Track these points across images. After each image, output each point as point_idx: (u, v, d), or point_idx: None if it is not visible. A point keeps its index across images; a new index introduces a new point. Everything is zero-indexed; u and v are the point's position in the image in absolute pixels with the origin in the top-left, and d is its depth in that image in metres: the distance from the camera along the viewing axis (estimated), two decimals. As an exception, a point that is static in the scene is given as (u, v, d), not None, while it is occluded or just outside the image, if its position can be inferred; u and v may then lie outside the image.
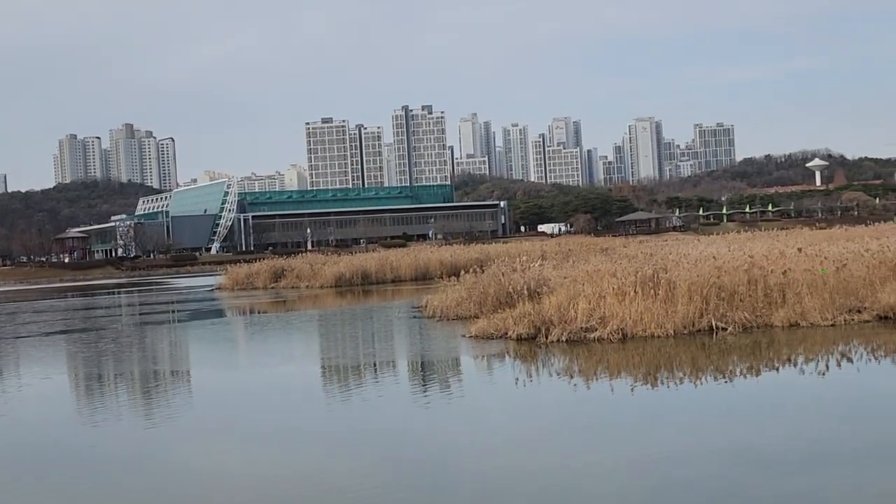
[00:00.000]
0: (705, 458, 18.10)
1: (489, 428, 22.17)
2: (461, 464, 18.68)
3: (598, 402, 24.53)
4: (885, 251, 40.18)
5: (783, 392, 24.70)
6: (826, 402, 22.98)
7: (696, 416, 22.08)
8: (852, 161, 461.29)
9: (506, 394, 26.45)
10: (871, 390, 24.22)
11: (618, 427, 21.40)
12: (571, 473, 17.55)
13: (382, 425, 23.06)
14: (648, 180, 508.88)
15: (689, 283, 34.81)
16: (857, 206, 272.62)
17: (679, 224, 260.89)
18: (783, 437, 19.45)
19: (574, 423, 22.22)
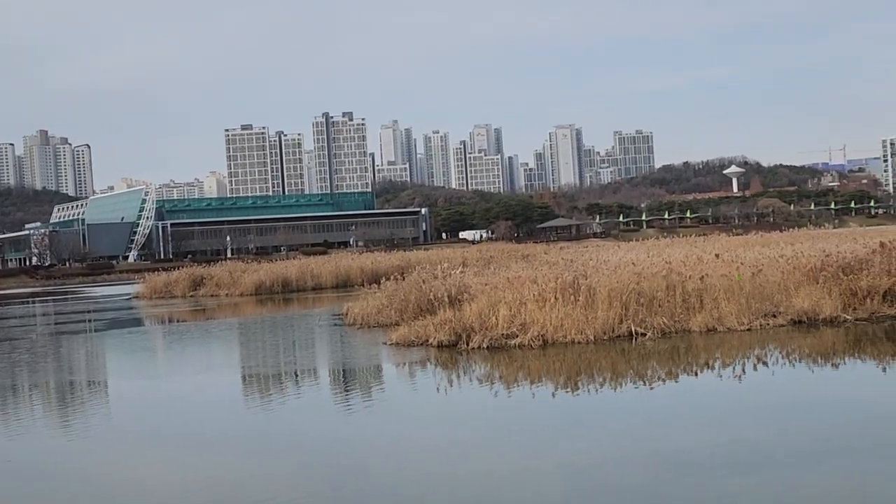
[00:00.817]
0: (628, 463, 18.18)
1: (411, 435, 22.09)
2: (383, 472, 18.57)
3: (520, 408, 24.57)
4: (799, 257, 40.88)
5: (702, 396, 24.97)
6: (744, 405, 23.25)
7: (618, 422, 22.20)
8: (768, 168, 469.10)
9: (427, 401, 26.39)
10: (786, 393, 24.57)
11: (540, 433, 21.44)
12: (495, 480, 17.53)
13: (303, 434, 22.88)
14: (569, 187, 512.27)
15: (609, 289, 35.08)
16: (773, 213, 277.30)
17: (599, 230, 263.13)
18: (705, 441, 19.65)
19: (496, 430, 22.21)
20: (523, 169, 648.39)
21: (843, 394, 24.38)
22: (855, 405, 22.78)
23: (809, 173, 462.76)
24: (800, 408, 22.75)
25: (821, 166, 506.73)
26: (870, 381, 25.90)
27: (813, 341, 32.19)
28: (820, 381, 25.96)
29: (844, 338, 32.45)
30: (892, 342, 31.50)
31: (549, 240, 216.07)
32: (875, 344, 31.32)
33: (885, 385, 25.27)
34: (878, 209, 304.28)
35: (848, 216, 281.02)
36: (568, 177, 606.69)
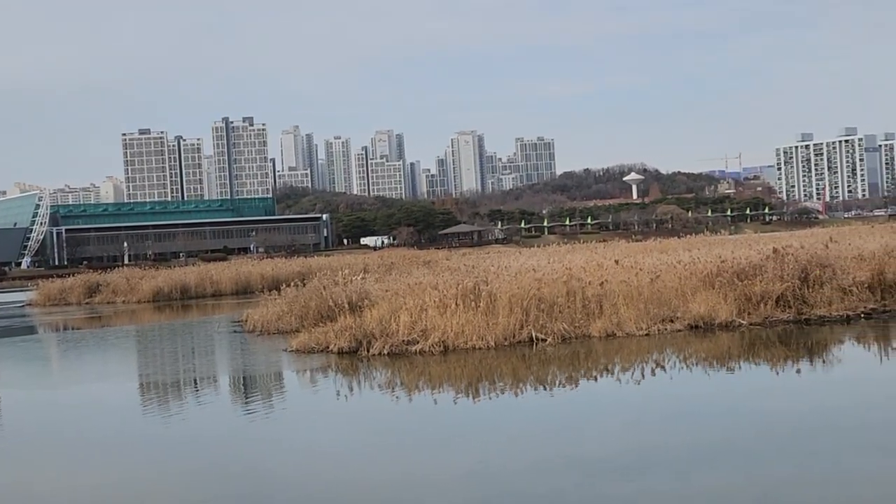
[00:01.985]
0: (531, 469, 18.23)
1: (312, 442, 21.90)
2: (284, 479, 18.36)
3: (422, 414, 24.54)
4: (696, 263, 41.50)
5: (603, 401, 25.18)
6: (644, 410, 23.50)
7: (520, 427, 22.26)
8: (667, 175, 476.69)
9: (328, 408, 26.22)
10: (684, 397, 24.90)
11: (442, 440, 21.42)
12: (397, 487, 17.43)
13: (202, 442, 22.55)
14: (471, 193, 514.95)
15: (510, 295, 35.22)
16: (671, 219, 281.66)
17: (501, 237, 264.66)
18: (607, 445, 19.82)
19: (398, 436, 22.13)
20: (425, 175, 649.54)
21: (739, 397, 24.76)
22: (750, 408, 23.14)
23: (707, 181, 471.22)
24: (697, 411, 23.07)
25: (717, 174, 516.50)
26: (764, 385, 26.34)
27: (709, 346, 32.69)
28: (716, 385, 26.36)
29: (739, 342, 33.01)
30: (784, 346, 32.12)
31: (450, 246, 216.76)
32: (769, 348, 31.92)
33: (779, 388, 25.73)
34: (772, 216, 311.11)
35: (743, 223, 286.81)
36: (470, 183, 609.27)
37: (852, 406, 22.66)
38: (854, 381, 26.21)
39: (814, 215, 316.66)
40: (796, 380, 26.44)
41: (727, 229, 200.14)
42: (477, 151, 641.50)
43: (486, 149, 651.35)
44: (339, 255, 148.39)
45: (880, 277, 39.41)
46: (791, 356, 30.16)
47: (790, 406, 22.94)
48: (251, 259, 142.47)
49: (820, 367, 28.49)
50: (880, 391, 24.61)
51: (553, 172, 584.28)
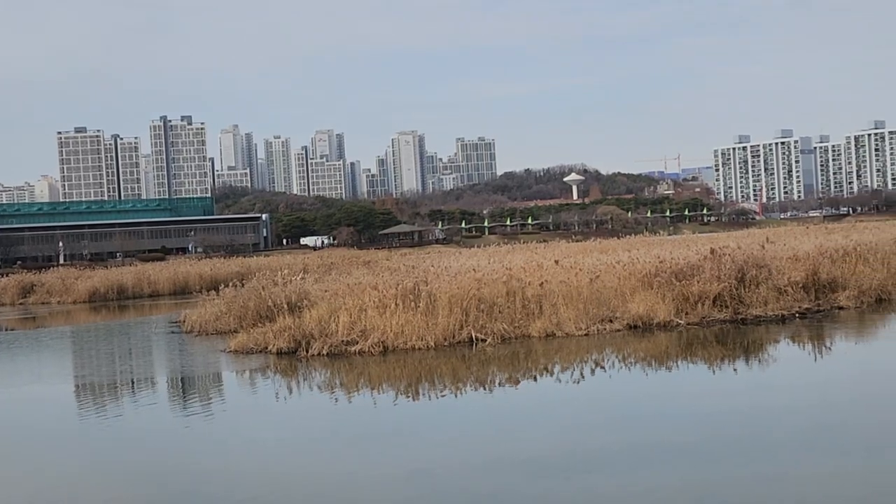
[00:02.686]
0: (471, 467, 18.23)
1: (251, 443, 21.72)
2: (221, 479, 18.19)
3: (361, 414, 24.45)
4: (635, 263, 41.76)
5: (543, 401, 25.23)
6: (583, 409, 23.59)
7: (460, 427, 22.27)
8: (606, 176, 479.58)
9: (267, 408, 26.06)
10: (623, 397, 25.03)
11: (381, 440, 21.32)
12: (337, 488, 17.34)
13: (139, 443, 22.26)
14: (412, 193, 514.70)
15: (450, 295, 35.22)
16: (611, 220, 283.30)
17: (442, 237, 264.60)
18: (547, 444, 19.85)
19: (337, 437, 22.03)
20: (366, 175, 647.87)
21: (678, 397, 24.95)
22: (689, 408, 23.32)
23: (646, 181, 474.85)
24: (637, 411, 23.18)
25: (657, 175, 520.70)
26: (702, 385, 26.58)
27: (648, 345, 32.90)
28: (655, 385, 26.50)
29: (677, 342, 33.27)
30: (721, 346, 32.40)
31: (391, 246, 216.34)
32: (706, 347, 32.19)
33: (717, 388, 25.95)
34: (710, 217, 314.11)
35: (682, 223, 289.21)
36: (411, 183, 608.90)
37: (788, 405, 22.89)
38: (790, 381, 26.49)
39: (751, 216, 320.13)
40: (733, 379, 26.67)
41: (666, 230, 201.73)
42: (417, 151, 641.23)
43: (427, 149, 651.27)
44: (278, 256, 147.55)
45: (814, 278, 39.93)
46: (728, 356, 30.44)
47: (728, 405, 23.13)
48: (189, 259, 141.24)
49: (756, 366, 28.77)
50: (815, 391, 24.89)
51: (494, 173, 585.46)
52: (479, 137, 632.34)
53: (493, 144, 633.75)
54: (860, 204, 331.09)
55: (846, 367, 28.40)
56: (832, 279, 40.57)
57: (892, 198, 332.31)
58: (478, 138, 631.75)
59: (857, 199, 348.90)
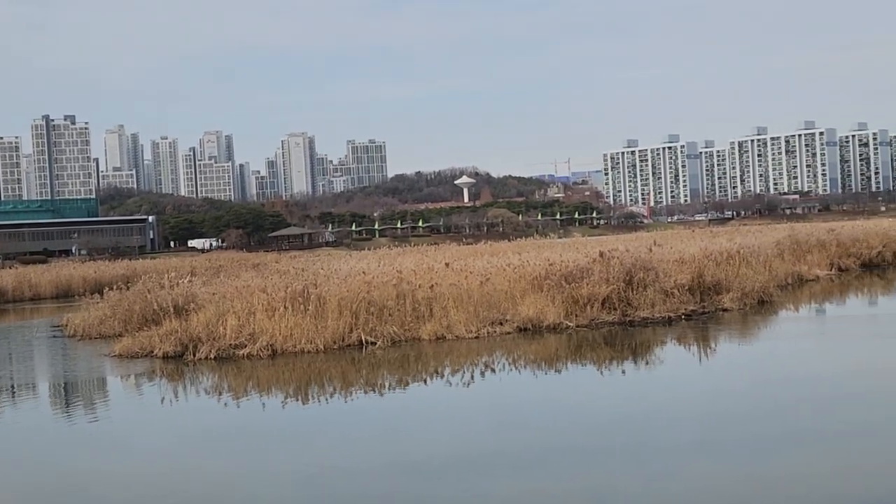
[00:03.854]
0: (361, 471, 18.07)
1: (136, 448, 21.25)
2: (105, 485, 17.74)
3: (250, 418, 24.14)
4: (525, 266, 41.99)
5: (433, 404, 25.19)
6: (474, 412, 23.57)
7: (349, 430, 22.08)
8: (498, 179, 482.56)
9: (152, 413, 25.52)
10: (513, 399, 25.10)
11: (270, 443, 21.06)
12: (224, 492, 17.03)
13: (21, 452, 21.59)
14: (302, 195, 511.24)
15: (340, 298, 35.00)
16: (502, 223, 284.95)
17: (332, 239, 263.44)
18: (437, 447, 19.79)
19: (225, 441, 21.69)
20: (255, 177, 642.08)
21: (568, 398, 25.11)
22: (579, 409, 23.48)
23: (537, 185, 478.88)
24: (527, 413, 23.25)
25: (547, 178, 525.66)
26: (591, 386, 26.80)
27: (538, 348, 33.09)
28: (545, 387, 26.64)
29: (567, 344, 33.53)
30: (610, 347, 32.75)
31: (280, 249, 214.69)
32: (595, 349, 32.50)
33: (606, 389, 26.19)
34: (599, 220, 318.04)
35: (572, 226, 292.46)
36: (300, 185, 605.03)
37: (676, 406, 23.20)
38: (676, 381, 26.88)
39: (639, 219, 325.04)
40: (622, 380, 26.95)
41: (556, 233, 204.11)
42: (308, 153, 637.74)
43: (317, 151, 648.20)
44: (165, 258, 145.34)
45: (700, 280, 40.64)
46: (617, 357, 30.77)
47: (617, 407, 23.35)
48: (73, 262, 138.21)
49: (644, 368, 29.14)
50: (701, 391, 25.29)
51: (384, 175, 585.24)
52: (369, 139, 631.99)
53: (383, 147, 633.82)
54: (744, 208, 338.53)
55: (731, 368, 28.89)
56: (716, 282, 41.32)
57: (773, 202, 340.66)
58: (368, 140, 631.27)
59: (740, 203, 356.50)
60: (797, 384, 25.26)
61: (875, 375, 25.93)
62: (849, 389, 24.23)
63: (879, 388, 24.20)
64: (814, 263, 56.56)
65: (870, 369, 26.85)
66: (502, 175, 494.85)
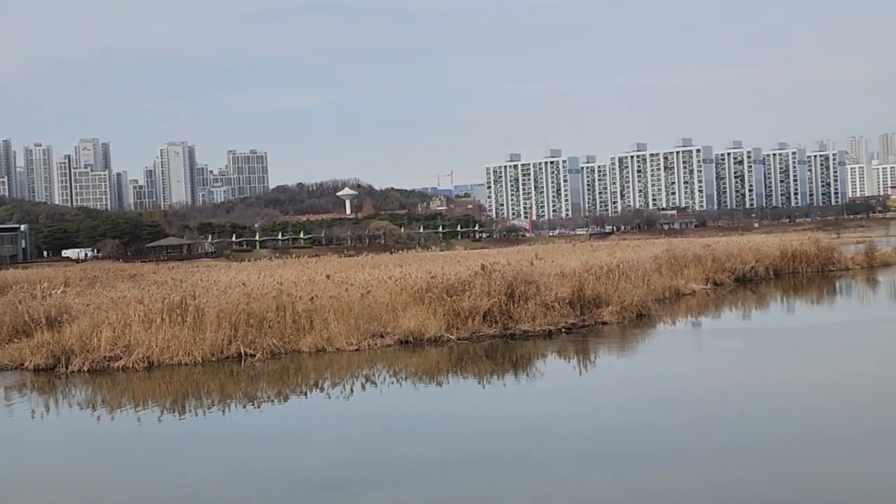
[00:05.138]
0: (239, 484, 17.79)
1: (2, 465, 20.54)
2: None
3: (125, 433, 23.60)
4: (406, 278, 41.92)
5: (312, 416, 24.95)
6: (353, 424, 23.39)
7: (228, 444, 21.76)
8: (380, 191, 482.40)
9: (22, 428, 24.75)
10: (394, 411, 24.98)
11: (145, 458, 20.60)
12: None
13: None
14: (181, 205, 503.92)
15: (219, 309, 34.46)
16: (384, 235, 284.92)
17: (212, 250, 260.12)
18: (315, 459, 19.59)
19: (99, 456, 21.17)
20: (133, 186, 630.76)
21: (448, 411, 25.09)
22: (458, 421, 23.47)
23: (419, 197, 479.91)
24: (408, 425, 23.17)
25: (430, 191, 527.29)
26: (472, 398, 26.80)
27: (419, 360, 33.02)
28: (426, 399, 26.59)
29: (448, 357, 33.52)
30: (491, 360, 32.85)
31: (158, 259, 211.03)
32: (476, 362, 32.55)
33: (487, 401, 26.22)
34: (482, 233, 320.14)
35: (454, 239, 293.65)
36: (180, 195, 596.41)
37: (557, 417, 23.32)
38: (557, 394, 27.05)
39: (521, 233, 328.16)
40: (503, 393, 27.03)
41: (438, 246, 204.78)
42: (187, 163, 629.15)
43: (198, 161, 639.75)
44: (38, 268, 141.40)
45: (580, 294, 41.05)
46: (497, 370, 30.87)
47: (498, 419, 23.40)
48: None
49: (525, 380, 29.30)
50: (581, 402, 25.49)
51: (266, 186, 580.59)
52: (251, 150, 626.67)
53: (265, 157, 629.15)
54: (624, 223, 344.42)
55: (610, 381, 29.20)
56: (596, 295, 41.78)
57: (652, 218, 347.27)
58: (250, 151, 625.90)
59: (620, 218, 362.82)
60: (674, 397, 25.61)
61: (747, 388, 26.45)
62: (722, 403, 24.62)
63: (752, 399, 24.68)
64: (690, 278, 57.61)
65: (743, 383, 27.38)
66: (385, 187, 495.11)
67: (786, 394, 25.05)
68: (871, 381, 26.54)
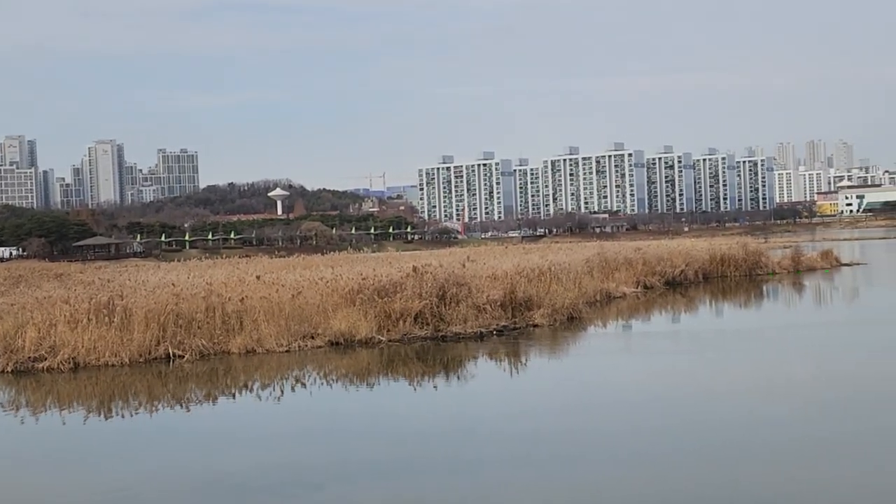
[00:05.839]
0: (167, 488, 17.58)
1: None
2: None
3: (49, 435, 23.22)
4: (338, 280, 41.71)
5: (241, 418, 24.70)
6: (282, 426, 23.20)
7: (155, 446, 21.48)
8: (312, 192, 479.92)
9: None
10: (324, 413, 24.85)
11: (72, 461, 20.32)
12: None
13: None
14: (109, 205, 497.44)
15: (147, 310, 34.00)
16: (316, 236, 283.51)
17: (140, 250, 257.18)
18: (242, 461, 19.36)
19: (22, 459, 20.76)
20: (60, 184, 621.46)
21: (379, 413, 24.96)
22: (389, 423, 23.35)
23: (351, 199, 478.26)
24: (338, 427, 23.01)
25: (362, 192, 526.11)
26: (403, 400, 26.72)
27: (349, 362, 32.86)
28: (356, 401, 26.44)
29: (379, 358, 33.39)
30: (422, 362, 32.80)
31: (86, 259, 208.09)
32: (407, 364, 32.47)
33: (418, 404, 26.15)
34: (414, 235, 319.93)
35: (387, 241, 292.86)
36: (108, 194, 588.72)
37: (488, 419, 23.31)
38: (487, 395, 27.06)
39: (453, 235, 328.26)
40: (434, 395, 26.98)
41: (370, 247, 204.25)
42: (116, 161, 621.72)
43: (127, 159, 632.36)
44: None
45: (512, 296, 41.11)
46: (428, 372, 30.82)
47: (429, 420, 23.36)
48: None
49: (455, 382, 29.26)
50: (512, 404, 25.48)
51: (196, 186, 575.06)
52: (181, 149, 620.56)
53: (196, 157, 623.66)
54: (556, 225, 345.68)
55: (540, 381, 29.30)
56: (528, 298, 41.86)
57: (584, 221, 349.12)
58: (180, 150, 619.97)
59: (552, 220, 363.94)
60: (604, 400, 25.72)
61: (677, 392, 26.67)
62: (652, 406, 24.75)
63: (681, 403, 24.88)
64: (621, 281, 57.99)
65: (673, 386, 27.60)
66: (317, 188, 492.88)
67: (715, 397, 25.32)
68: (799, 385, 26.89)
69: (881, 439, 19.52)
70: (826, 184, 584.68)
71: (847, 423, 21.15)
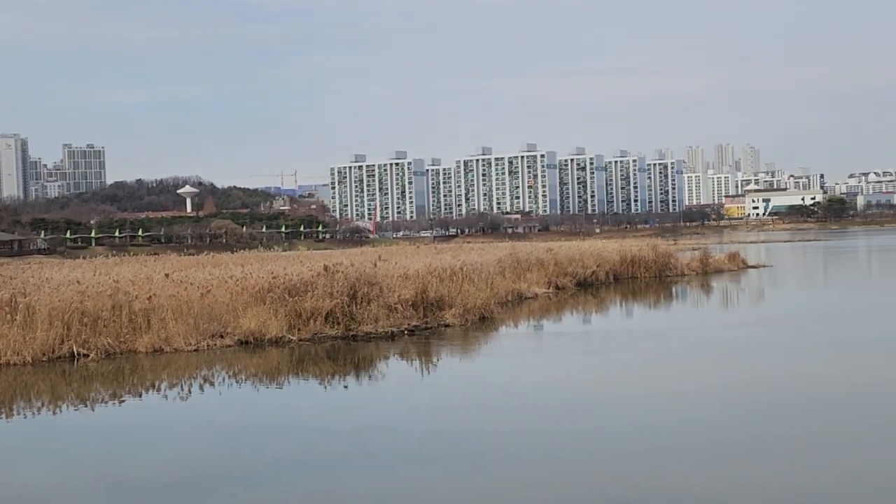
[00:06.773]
0: (72, 491, 17.22)
1: None
2: None
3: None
4: (248, 278, 41.27)
5: (147, 418, 24.28)
6: (191, 426, 22.91)
7: (57, 447, 21.01)
8: (222, 189, 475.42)
9: None
10: (233, 412, 24.54)
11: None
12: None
13: None
14: (12, 200, 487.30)
15: (51, 308, 33.29)
16: (226, 234, 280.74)
17: (44, 247, 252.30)
18: (153, 463, 19.07)
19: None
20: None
21: (289, 413, 24.75)
22: (299, 423, 23.16)
23: (262, 197, 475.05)
24: (247, 427, 22.75)
25: (273, 190, 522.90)
26: (312, 399, 26.56)
27: (259, 361, 32.52)
28: (266, 401, 26.21)
29: (289, 358, 33.12)
30: (332, 361, 32.60)
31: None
32: (317, 363, 32.25)
33: (327, 402, 25.98)
34: (325, 234, 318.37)
35: (297, 240, 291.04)
36: (11, 189, 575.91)
37: (398, 419, 23.22)
38: (398, 395, 26.99)
39: (365, 234, 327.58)
40: (344, 395, 26.82)
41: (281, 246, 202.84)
42: (20, 156, 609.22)
43: (31, 154, 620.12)
44: None
45: (423, 296, 41.06)
46: (339, 372, 30.65)
47: (339, 420, 23.18)
48: None
49: (367, 382, 29.12)
50: (422, 404, 25.45)
51: (103, 182, 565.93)
52: (87, 144, 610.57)
53: (102, 152, 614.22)
54: (468, 225, 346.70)
55: (450, 381, 29.32)
56: (440, 298, 41.84)
57: (497, 221, 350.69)
58: (86, 145, 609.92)
59: (465, 220, 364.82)
60: (513, 400, 25.72)
61: (586, 392, 26.84)
62: (560, 406, 24.85)
63: (589, 403, 25.03)
64: (533, 281, 58.29)
65: (583, 385, 27.77)
66: (227, 186, 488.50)
67: (626, 398, 25.47)
68: (709, 386, 27.18)
69: (797, 439, 19.78)
70: (734, 187, 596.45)
71: (761, 424, 21.40)
